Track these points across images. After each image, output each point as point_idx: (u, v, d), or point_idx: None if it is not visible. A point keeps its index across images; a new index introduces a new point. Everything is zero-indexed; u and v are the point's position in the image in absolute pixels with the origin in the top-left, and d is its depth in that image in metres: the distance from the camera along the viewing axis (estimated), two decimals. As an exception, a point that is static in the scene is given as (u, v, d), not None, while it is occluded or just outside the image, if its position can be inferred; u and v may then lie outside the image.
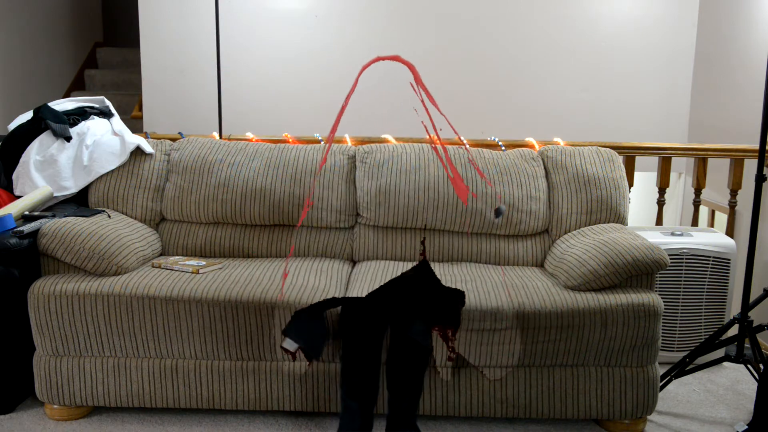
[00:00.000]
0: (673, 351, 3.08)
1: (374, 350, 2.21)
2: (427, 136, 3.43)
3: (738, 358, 2.66)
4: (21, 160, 2.89)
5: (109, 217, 2.73)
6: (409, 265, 2.72)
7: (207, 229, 2.89)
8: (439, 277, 2.60)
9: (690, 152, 3.55)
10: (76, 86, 6.30)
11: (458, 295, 2.26)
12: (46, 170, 2.86)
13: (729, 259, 3.04)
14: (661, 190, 3.60)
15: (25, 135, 2.94)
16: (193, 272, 2.55)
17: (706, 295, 3.07)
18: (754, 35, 4.00)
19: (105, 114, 3.13)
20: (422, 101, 1.99)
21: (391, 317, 2.19)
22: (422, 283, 2.25)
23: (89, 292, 2.39)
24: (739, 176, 3.49)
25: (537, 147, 3.24)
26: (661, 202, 3.63)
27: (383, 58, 1.94)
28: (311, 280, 2.51)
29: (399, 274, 2.44)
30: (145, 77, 4.91)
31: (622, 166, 2.97)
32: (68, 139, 2.92)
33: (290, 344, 2.22)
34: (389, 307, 2.17)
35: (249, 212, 2.85)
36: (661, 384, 2.63)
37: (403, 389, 2.21)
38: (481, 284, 2.51)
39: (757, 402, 2.47)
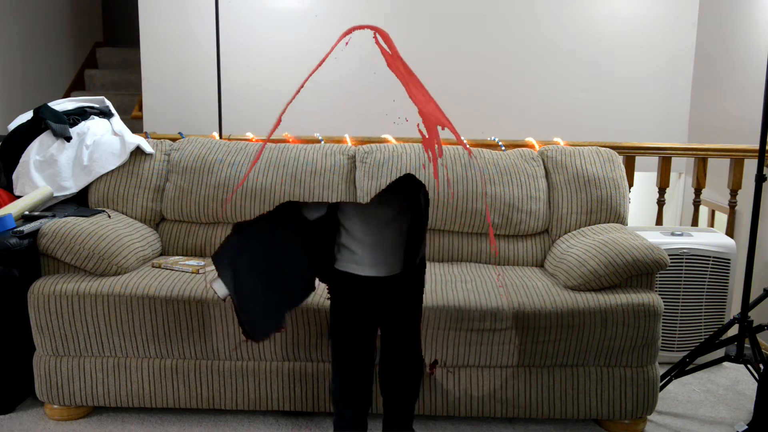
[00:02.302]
0: (673, 351, 3.08)
1: (367, 355, 2.13)
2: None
3: (738, 358, 2.66)
4: (21, 160, 2.89)
5: (109, 217, 2.73)
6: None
7: (207, 229, 2.89)
8: (438, 276, 2.60)
9: (690, 152, 3.55)
10: (76, 86, 6.30)
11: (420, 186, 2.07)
12: (46, 170, 2.86)
13: (729, 259, 3.04)
14: (661, 190, 3.60)
15: (25, 135, 2.94)
16: (193, 272, 2.55)
17: (706, 295, 3.07)
18: (754, 35, 4.00)
19: (105, 114, 3.13)
20: (391, 67, 1.90)
21: (381, 318, 2.11)
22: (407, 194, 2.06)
23: (89, 292, 2.39)
24: (739, 176, 3.49)
25: (537, 147, 3.24)
26: (661, 202, 3.63)
27: (359, 28, 1.94)
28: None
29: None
30: (145, 77, 4.90)
31: (622, 166, 2.97)
32: (68, 139, 2.92)
33: (220, 287, 1.88)
34: (379, 307, 2.09)
35: (249, 212, 2.85)
36: (661, 384, 2.63)
37: (397, 393, 2.15)
38: (481, 284, 2.51)
39: (757, 402, 2.47)
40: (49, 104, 3.03)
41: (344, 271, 2.07)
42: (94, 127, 3.00)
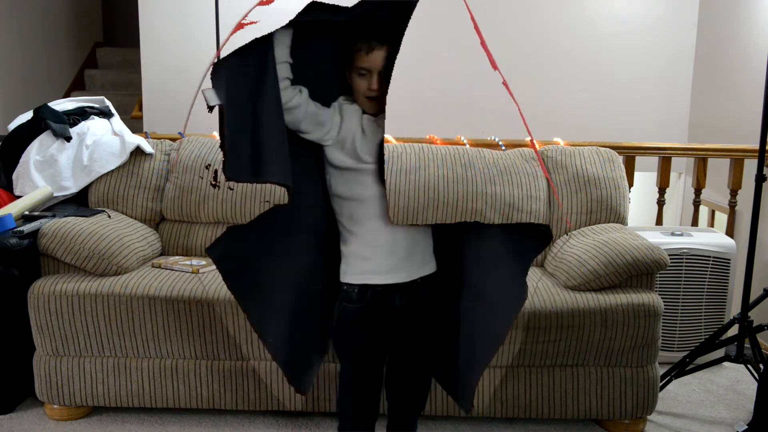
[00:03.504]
0: (673, 351, 3.08)
1: (381, 370, 1.95)
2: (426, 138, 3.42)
3: (738, 358, 2.67)
4: (21, 160, 2.89)
5: (109, 217, 2.73)
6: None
7: (207, 229, 2.89)
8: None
9: (690, 152, 3.55)
10: (76, 86, 6.30)
11: None
12: (46, 170, 2.86)
13: (729, 259, 3.04)
14: (661, 190, 3.60)
15: (25, 135, 2.94)
16: (193, 272, 2.55)
17: (706, 295, 3.07)
18: (754, 35, 4.00)
19: (105, 114, 3.13)
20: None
21: (397, 330, 1.91)
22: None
23: (89, 292, 2.39)
24: (739, 176, 3.49)
25: (537, 147, 3.24)
26: (661, 202, 3.63)
27: None
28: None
29: None
30: (145, 77, 4.90)
31: (622, 166, 2.96)
32: (68, 139, 2.92)
33: (212, 95, 1.72)
34: (395, 318, 1.89)
35: (249, 212, 2.85)
36: (661, 384, 2.63)
37: (404, 401, 2.04)
38: (481, 284, 2.50)
39: (757, 402, 2.47)
40: (49, 104, 3.02)
41: (357, 283, 1.83)
42: (94, 127, 3.00)
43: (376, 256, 1.83)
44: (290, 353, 1.84)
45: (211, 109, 1.71)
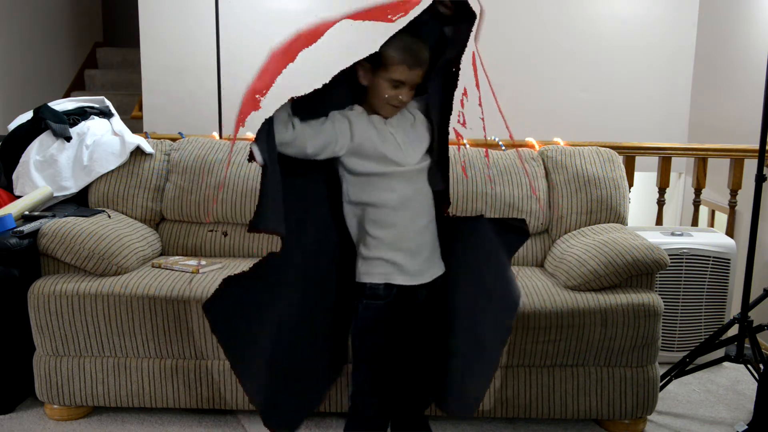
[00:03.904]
0: (673, 351, 3.08)
1: (396, 373, 1.93)
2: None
3: (738, 358, 2.67)
4: (21, 160, 2.89)
5: (109, 217, 2.73)
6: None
7: (207, 229, 2.89)
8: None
9: (690, 152, 3.55)
10: (76, 86, 6.30)
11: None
12: (46, 170, 2.86)
13: (729, 259, 3.04)
14: (661, 190, 3.60)
15: (25, 135, 2.94)
16: (193, 272, 2.55)
17: (706, 295, 3.07)
18: (754, 35, 4.00)
19: (105, 114, 3.13)
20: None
21: (416, 328, 1.93)
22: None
23: (89, 292, 2.38)
24: (739, 176, 3.49)
25: (537, 147, 3.24)
26: (661, 202, 3.63)
27: None
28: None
29: None
30: (145, 77, 4.90)
31: (622, 166, 2.96)
32: (68, 139, 2.92)
33: (257, 152, 1.69)
34: (418, 316, 1.90)
35: (249, 212, 2.85)
36: (661, 384, 2.63)
37: (415, 397, 2.03)
38: (481, 284, 2.50)
39: (757, 402, 2.47)
40: (49, 104, 3.03)
41: (382, 282, 1.82)
42: (94, 127, 3.00)
43: (405, 260, 1.82)
44: (269, 399, 1.82)
45: (251, 160, 1.70)
